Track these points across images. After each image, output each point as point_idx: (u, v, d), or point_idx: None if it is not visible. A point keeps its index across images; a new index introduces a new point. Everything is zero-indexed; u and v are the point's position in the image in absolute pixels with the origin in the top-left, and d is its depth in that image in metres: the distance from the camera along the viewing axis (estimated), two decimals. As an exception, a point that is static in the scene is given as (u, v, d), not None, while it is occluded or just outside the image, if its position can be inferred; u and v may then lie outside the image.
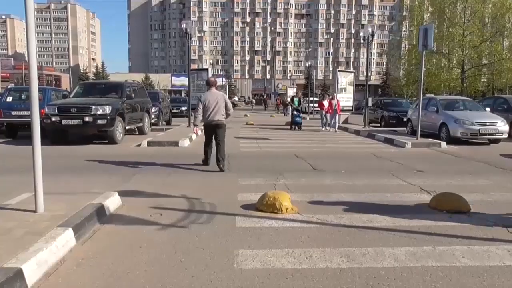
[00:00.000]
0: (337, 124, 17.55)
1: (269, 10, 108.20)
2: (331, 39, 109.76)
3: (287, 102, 39.58)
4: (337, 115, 17.39)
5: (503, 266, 3.27)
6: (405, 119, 16.81)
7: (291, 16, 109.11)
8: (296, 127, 18.23)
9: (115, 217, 4.51)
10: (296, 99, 20.69)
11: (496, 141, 12.70)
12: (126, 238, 3.86)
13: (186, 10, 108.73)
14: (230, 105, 7.77)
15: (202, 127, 7.92)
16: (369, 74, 26.93)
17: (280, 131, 17.72)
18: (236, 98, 60.54)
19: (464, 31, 29.44)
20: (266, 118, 29.94)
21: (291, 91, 41.99)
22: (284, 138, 14.46)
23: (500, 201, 5.39)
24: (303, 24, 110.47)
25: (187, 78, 19.57)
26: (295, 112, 18.76)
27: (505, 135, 12.63)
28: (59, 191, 5.07)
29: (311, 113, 29.80)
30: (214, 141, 7.70)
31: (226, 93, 42.31)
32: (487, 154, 10.44)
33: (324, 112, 17.92)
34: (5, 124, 13.06)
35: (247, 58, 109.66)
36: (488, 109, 14.22)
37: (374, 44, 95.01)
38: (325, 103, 17.66)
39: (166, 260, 3.33)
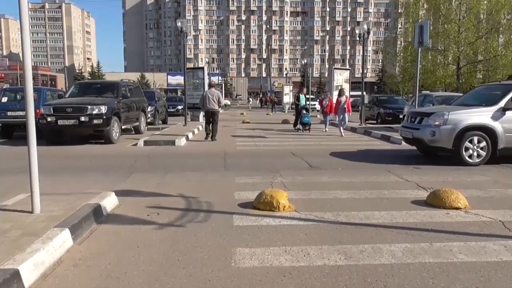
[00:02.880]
0: (345, 125, 15.40)
1: (264, 8, 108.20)
2: (327, 36, 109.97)
3: (275, 100, 41.42)
4: (346, 114, 15.13)
5: (500, 261, 3.29)
6: (401, 116, 16.84)
7: (287, 14, 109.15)
8: (304, 127, 16.19)
9: (112, 217, 4.50)
10: (302, 97, 17.23)
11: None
12: (123, 238, 3.85)
13: (181, 9, 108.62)
14: (222, 99, 12.87)
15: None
16: (365, 71, 26.95)
17: (278, 129, 17.67)
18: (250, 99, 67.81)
19: (459, 28, 29.46)
20: (262, 116, 29.94)
21: (287, 89, 41.69)
22: (281, 136, 14.46)
23: (497, 197, 5.41)
24: (299, 22, 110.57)
25: (182, 77, 19.52)
26: (303, 112, 16.41)
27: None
28: (56, 191, 5.05)
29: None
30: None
31: (222, 91, 43.38)
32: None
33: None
34: (0, 124, 13.00)
35: (243, 56, 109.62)
36: (483, 105, 14.24)
37: (370, 41, 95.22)
38: (335, 100, 15.87)
39: (163, 260, 3.33)
